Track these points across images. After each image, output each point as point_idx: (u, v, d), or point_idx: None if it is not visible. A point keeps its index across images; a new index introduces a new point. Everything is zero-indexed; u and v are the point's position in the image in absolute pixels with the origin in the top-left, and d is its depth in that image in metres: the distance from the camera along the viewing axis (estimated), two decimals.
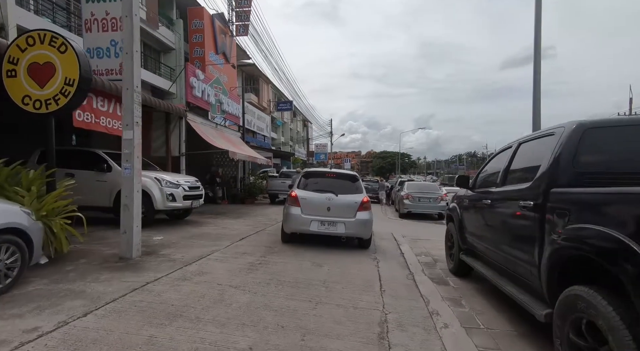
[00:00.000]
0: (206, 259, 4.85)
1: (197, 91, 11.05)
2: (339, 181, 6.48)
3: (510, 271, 3.01)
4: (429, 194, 12.97)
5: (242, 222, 8.99)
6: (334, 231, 5.87)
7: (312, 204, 5.93)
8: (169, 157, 10.28)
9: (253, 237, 6.89)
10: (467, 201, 4.36)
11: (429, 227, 10.73)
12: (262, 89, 38.58)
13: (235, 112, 14.61)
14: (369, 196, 18.10)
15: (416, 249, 6.62)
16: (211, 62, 21.28)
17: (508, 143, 3.79)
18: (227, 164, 15.70)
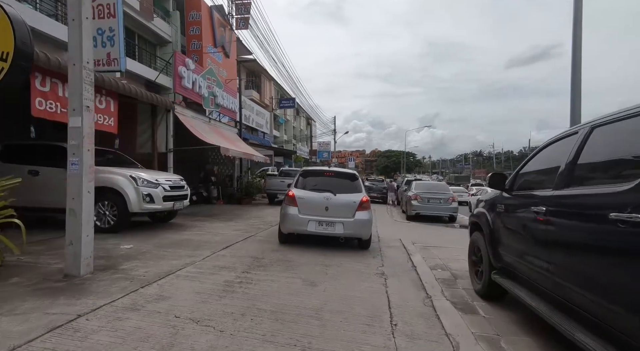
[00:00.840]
0: (174, 277, 3.93)
1: (187, 81, 10.15)
2: (338, 180, 6.24)
3: (584, 312, 2.06)
4: (439, 194, 11.96)
5: (233, 226, 8.07)
6: (332, 231, 5.66)
7: (309, 203, 5.72)
8: (156, 154, 9.40)
9: (240, 244, 5.96)
10: (504, 207, 3.38)
11: (441, 231, 9.75)
12: (264, 86, 37.70)
13: (232, 107, 13.71)
14: (373, 196, 17.23)
15: (430, 261, 5.65)
16: (209, 56, 20.45)
17: (567, 129, 2.81)
18: (223, 162, 14.81)
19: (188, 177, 14.46)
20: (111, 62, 12.32)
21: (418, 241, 7.68)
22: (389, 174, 66.90)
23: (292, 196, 5.82)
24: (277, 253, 5.48)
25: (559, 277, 2.36)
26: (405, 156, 63.25)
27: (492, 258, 3.55)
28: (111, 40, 12.27)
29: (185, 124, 9.54)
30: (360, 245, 6.18)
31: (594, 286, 1.95)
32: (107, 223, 6.27)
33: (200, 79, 11.05)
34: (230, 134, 13.62)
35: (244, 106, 15.96)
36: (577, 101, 5.84)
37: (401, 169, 64.62)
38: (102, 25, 11.72)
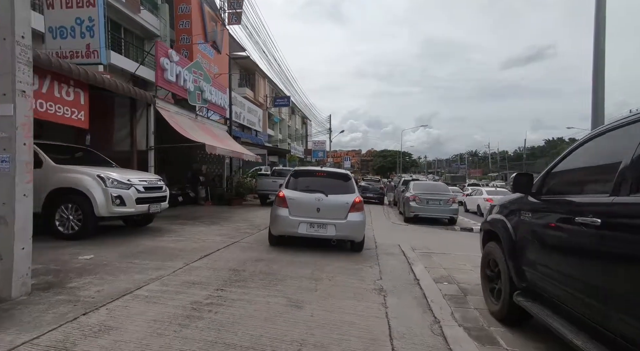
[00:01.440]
0: (130, 298, 3.26)
1: (170, 74, 9.43)
2: (330, 180, 6.08)
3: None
4: (439, 195, 11.38)
5: (217, 230, 7.39)
6: (324, 233, 5.50)
7: (300, 204, 5.56)
8: (135, 152, 8.68)
9: (220, 253, 5.29)
10: (530, 215, 2.76)
11: (442, 235, 9.15)
12: (258, 84, 36.95)
13: (221, 103, 13.00)
14: (369, 196, 16.63)
15: (434, 271, 5.03)
16: (200, 51, 19.70)
17: (613, 121, 2.19)
18: (212, 161, 14.11)
19: (175, 177, 13.79)
20: (90, 54, 11.54)
21: (418, 246, 7.07)
22: (384, 174, 66.46)
23: (282, 197, 5.62)
24: (261, 263, 4.82)
25: (616, 308, 1.75)
26: (401, 155, 62.82)
27: (515, 275, 2.93)
28: (91, 30, 11.49)
29: (168, 120, 8.84)
30: (353, 248, 5.97)
31: None
32: (71, 228, 5.58)
33: (186, 72, 10.34)
34: (219, 131, 12.92)
35: (235, 102, 15.27)
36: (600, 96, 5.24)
37: (397, 169, 64.17)
38: (81, 14, 10.98)
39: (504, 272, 3.10)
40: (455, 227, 10.90)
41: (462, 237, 9.16)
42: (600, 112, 5.17)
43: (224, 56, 22.03)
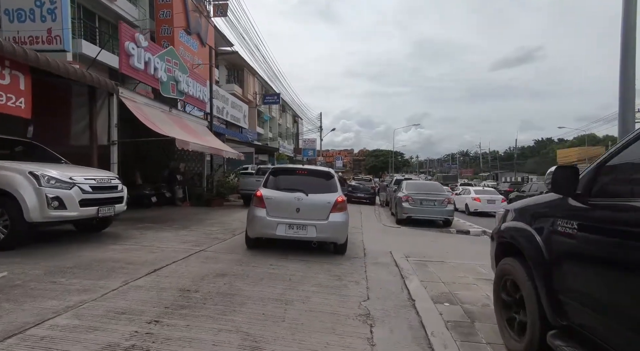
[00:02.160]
0: (16, 341, 2.34)
1: (137, 61, 8.45)
2: (311, 178, 5.76)
3: None
4: (433, 195, 10.62)
5: (183, 236, 6.47)
6: (304, 235, 5.21)
7: (279, 204, 5.28)
8: (95, 147, 7.69)
9: (175, 267, 4.38)
10: (575, 225, 1.95)
11: (437, 239, 8.36)
12: (247, 81, 35.92)
13: (199, 96, 12.03)
14: (360, 196, 15.84)
15: (432, 286, 4.22)
16: (182, 43, 18.67)
17: None
18: (192, 158, 13.13)
19: (151, 175, 12.78)
20: (52, 39, 10.51)
21: (412, 253, 6.27)
22: (376, 174, 65.91)
23: (259, 196, 5.31)
24: (222, 279, 3.94)
25: None
26: (393, 155, 62.34)
27: (549, 308, 2.12)
28: (52, 13, 10.45)
29: (133, 111, 7.87)
30: (336, 250, 5.66)
31: None
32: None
33: (157, 60, 9.37)
34: (198, 127, 11.95)
35: (217, 96, 14.30)
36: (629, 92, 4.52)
37: (389, 168, 63.69)
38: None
39: (532, 301, 2.29)
40: (450, 229, 10.16)
41: (458, 241, 8.41)
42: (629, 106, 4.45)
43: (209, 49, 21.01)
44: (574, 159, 52.95)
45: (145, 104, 9.02)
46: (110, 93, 7.76)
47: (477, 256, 6.53)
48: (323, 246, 5.78)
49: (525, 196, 17.40)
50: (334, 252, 5.66)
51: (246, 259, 4.97)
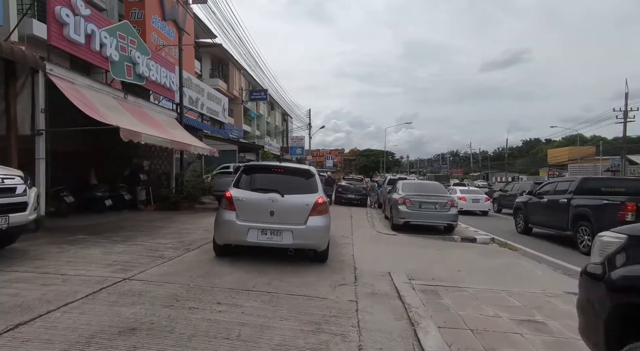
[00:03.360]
0: None
1: (75, 31, 6.80)
2: (288, 177, 5.13)
3: None
4: (434, 197, 9.23)
5: (115, 254, 4.87)
6: (279, 241, 4.61)
7: (250, 207, 4.69)
8: (13, 138, 6.04)
9: (61, 314, 2.81)
10: None
11: (443, 251, 6.94)
12: (232, 76, 34.17)
13: (165, 83, 10.40)
14: (351, 197, 14.39)
15: (457, 336, 2.77)
16: (156, 30, 16.93)
17: None
18: (158, 155, 11.47)
19: (111, 174, 11.08)
20: None
21: (416, 273, 4.86)
22: (367, 174, 64.74)
23: (229, 197, 4.74)
24: (123, 341, 2.41)
25: None
26: (385, 155, 61.23)
27: None
28: None
29: (65, 93, 6.23)
30: (316, 258, 5.00)
31: None
32: None
33: (105, 35, 7.72)
34: (163, 118, 10.31)
35: (189, 85, 12.65)
36: None
37: (380, 168, 62.61)
38: None
39: None
40: (454, 237, 8.78)
41: (466, 252, 7.03)
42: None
43: (187, 39, 19.27)
44: (565, 159, 52.67)
45: (89, 87, 7.38)
46: (34, 70, 6.12)
47: (496, 276, 5.16)
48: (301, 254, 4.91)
49: (507, 195, 16.70)
50: (314, 260, 4.97)
51: (186, 293, 3.45)
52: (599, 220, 6.97)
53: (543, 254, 7.41)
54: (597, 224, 6.97)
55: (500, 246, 8.11)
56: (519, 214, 10.13)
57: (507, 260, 6.41)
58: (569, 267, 6.27)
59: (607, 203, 6.99)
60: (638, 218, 6.34)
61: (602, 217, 6.93)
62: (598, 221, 6.99)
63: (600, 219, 6.94)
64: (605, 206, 7.00)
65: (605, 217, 6.82)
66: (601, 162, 44.35)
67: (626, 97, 34.55)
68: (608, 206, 6.93)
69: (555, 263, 6.57)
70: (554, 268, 6.11)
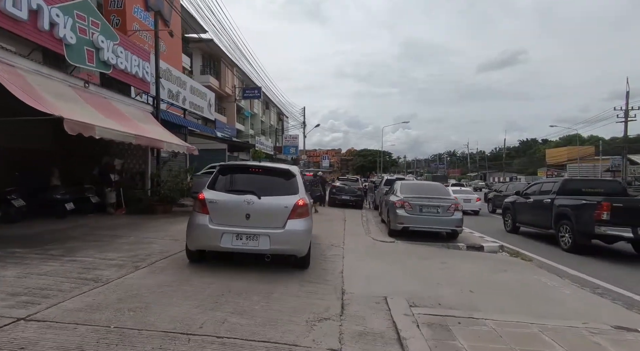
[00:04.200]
0: None
1: (15, 4, 5.74)
2: (266, 177, 4.77)
3: None
4: (436, 200, 8.24)
5: (36, 275, 3.82)
6: (255, 246, 4.25)
7: (224, 209, 4.36)
8: None
9: None
10: None
11: (449, 262, 5.94)
12: (224, 73, 33.09)
13: (137, 73, 9.34)
14: (345, 199, 13.40)
15: None
16: (137, 20, 15.83)
17: None
18: (132, 153, 10.41)
19: (78, 175, 9.98)
20: None
21: (420, 296, 3.89)
22: (364, 174, 63.80)
23: (202, 199, 4.43)
24: None
25: None
26: (382, 155, 60.29)
27: None
28: None
29: None
30: (297, 265, 4.72)
31: None
32: None
33: (58, 13, 6.66)
34: (134, 111, 9.24)
35: (168, 77, 11.57)
36: None
37: (377, 168, 61.70)
38: None
39: None
40: (459, 244, 7.79)
41: (474, 263, 6.04)
42: None
43: (174, 29, 18.18)
44: (564, 159, 52.03)
45: (36, 72, 6.32)
46: None
47: (518, 299, 4.19)
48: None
49: (502, 196, 15.98)
50: (294, 266, 4.67)
51: (96, 343, 2.42)
52: (578, 219, 7.22)
53: (560, 265, 6.51)
54: (577, 223, 7.24)
55: (512, 255, 7.16)
56: (508, 213, 10.32)
57: (524, 275, 5.44)
58: (594, 282, 5.36)
59: (586, 202, 7.18)
60: (612, 216, 6.64)
61: (581, 216, 7.16)
62: (577, 220, 7.24)
63: (579, 218, 7.19)
64: (583, 206, 7.19)
65: (584, 216, 7.07)
66: (601, 162, 43.73)
67: (627, 96, 33.89)
68: (586, 206, 7.12)
69: (578, 277, 5.62)
70: (580, 284, 5.15)
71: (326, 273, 4.66)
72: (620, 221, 6.62)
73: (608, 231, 6.68)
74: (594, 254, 7.26)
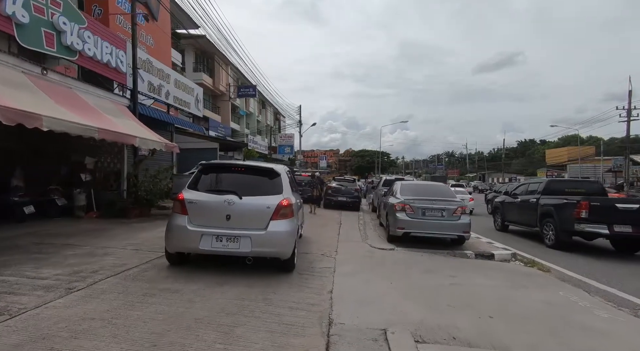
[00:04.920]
0: None
1: None
2: (249, 177, 4.62)
3: None
4: (440, 202, 7.36)
5: None
6: (236, 249, 4.06)
7: (204, 210, 4.20)
8: None
9: None
10: None
11: (457, 274, 5.05)
12: (218, 71, 32.17)
13: (108, 60, 8.42)
14: (342, 200, 12.51)
15: None
16: (121, 10, 14.92)
17: None
18: (107, 151, 9.49)
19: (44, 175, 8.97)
20: None
21: (428, 325, 3.05)
22: (362, 174, 62.99)
23: (181, 199, 4.24)
24: None
25: None
26: (380, 155, 59.48)
27: None
28: None
29: None
30: (281, 268, 4.43)
31: None
32: None
33: None
34: (104, 104, 8.31)
35: (149, 69, 10.65)
36: None
37: (375, 169, 60.88)
38: None
39: None
40: (466, 252, 6.93)
41: (490, 278, 5.17)
42: None
43: (164, 26, 17.28)
44: (565, 159, 51.38)
45: None
46: None
47: (549, 329, 3.32)
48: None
49: None
50: (279, 269, 4.47)
51: None
52: (560, 217, 7.60)
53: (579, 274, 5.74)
54: (559, 220, 7.63)
55: (527, 265, 6.32)
56: (497, 212, 10.75)
57: (548, 292, 4.58)
58: (624, 297, 4.55)
59: (567, 202, 7.55)
60: (591, 214, 7.02)
61: (563, 214, 7.54)
62: (559, 218, 7.63)
63: (561, 216, 7.58)
64: (565, 205, 7.56)
65: (565, 214, 7.45)
66: (602, 163, 43.05)
67: (630, 95, 33.19)
68: (567, 205, 7.48)
69: (608, 292, 4.78)
70: (616, 304, 4.31)
71: (312, 294, 3.78)
72: (597, 218, 7.01)
73: (586, 228, 7.09)
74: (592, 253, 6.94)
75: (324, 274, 4.59)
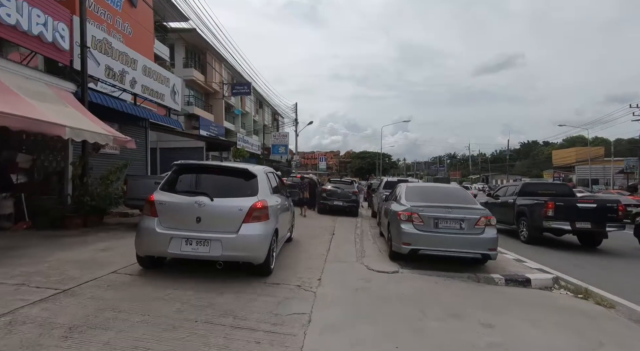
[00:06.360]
0: None
1: None
2: (222, 178, 4.55)
3: None
4: (457, 210, 5.64)
5: None
6: (205, 253, 3.99)
7: (174, 212, 4.13)
8: None
9: None
10: None
11: (497, 319, 3.35)
12: (211, 67, 30.57)
13: (42, 33, 6.78)
14: (338, 205, 10.58)
15: None
16: None
17: None
18: (49, 148, 7.82)
19: None
20: None
21: None
22: (363, 176, 61.25)
23: (151, 201, 4.18)
24: None
25: None
26: (381, 157, 57.71)
27: None
28: None
29: None
30: (255, 272, 4.33)
31: None
32: None
33: None
34: (34, 87, 6.64)
35: (108, 51, 8.95)
36: None
37: (376, 170, 59.11)
38: None
39: None
40: (493, 277, 5.21)
41: (543, 325, 3.47)
42: None
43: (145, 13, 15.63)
44: (574, 160, 49.52)
45: None
46: None
47: None
48: None
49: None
50: (253, 274, 4.27)
51: None
52: (531, 215, 8.42)
53: None
54: (530, 219, 8.47)
55: (577, 295, 4.65)
56: None
57: None
58: None
59: (537, 202, 8.35)
60: (556, 213, 7.84)
61: (534, 213, 8.34)
62: (531, 216, 8.46)
63: (532, 215, 8.41)
64: (535, 205, 8.35)
65: (535, 213, 8.25)
66: (612, 163, 41.24)
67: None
68: (537, 205, 8.28)
69: None
70: None
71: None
72: (562, 216, 7.85)
73: (553, 225, 7.92)
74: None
75: (291, 330, 2.90)
